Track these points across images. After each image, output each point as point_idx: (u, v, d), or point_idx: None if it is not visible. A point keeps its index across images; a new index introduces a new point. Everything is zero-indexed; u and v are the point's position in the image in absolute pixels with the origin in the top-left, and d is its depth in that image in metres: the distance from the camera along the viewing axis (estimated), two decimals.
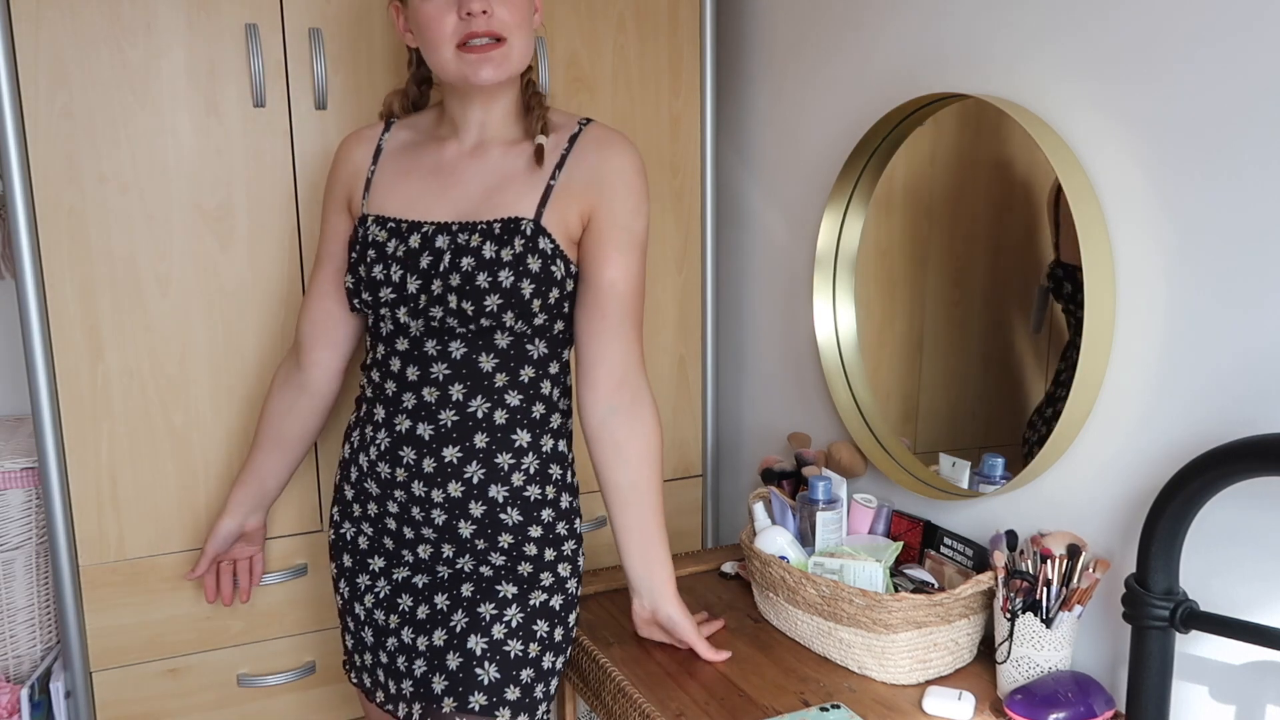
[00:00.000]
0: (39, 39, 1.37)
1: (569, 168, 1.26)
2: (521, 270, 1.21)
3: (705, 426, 1.90)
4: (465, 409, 1.25)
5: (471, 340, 1.24)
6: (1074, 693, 1.15)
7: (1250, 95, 1.03)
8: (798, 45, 1.71)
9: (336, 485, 1.39)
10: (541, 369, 1.28)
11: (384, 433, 1.28)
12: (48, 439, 1.43)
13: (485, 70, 1.20)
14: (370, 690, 1.37)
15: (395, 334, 1.28)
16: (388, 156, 1.33)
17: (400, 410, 1.27)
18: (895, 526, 1.46)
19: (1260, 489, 1.06)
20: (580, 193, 1.25)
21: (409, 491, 1.27)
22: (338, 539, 1.39)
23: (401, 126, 1.36)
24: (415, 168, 1.31)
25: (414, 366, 1.27)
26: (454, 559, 1.29)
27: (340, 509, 1.38)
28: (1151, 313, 1.16)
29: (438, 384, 1.25)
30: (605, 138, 1.28)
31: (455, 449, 1.25)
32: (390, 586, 1.33)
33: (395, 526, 1.31)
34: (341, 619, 1.40)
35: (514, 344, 1.25)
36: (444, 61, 1.21)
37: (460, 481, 1.25)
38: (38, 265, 1.41)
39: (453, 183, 1.28)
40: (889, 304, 1.56)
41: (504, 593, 1.27)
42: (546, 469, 1.29)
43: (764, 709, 1.22)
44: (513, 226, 1.22)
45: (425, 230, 1.25)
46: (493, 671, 1.24)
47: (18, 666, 1.60)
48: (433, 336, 1.25)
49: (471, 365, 1.25)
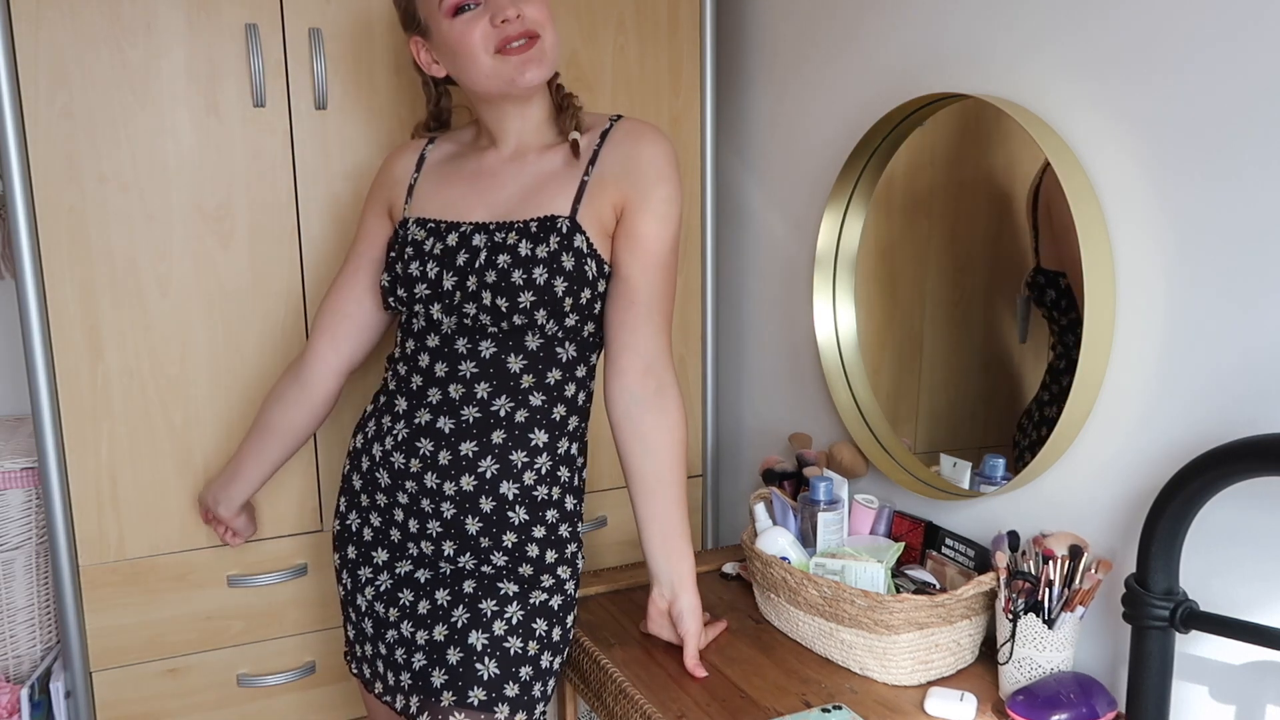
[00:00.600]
0: (39, 39, 1.37)
1: (602, 162, 1.27)
2: (555, 267, 1.22)
3: (705, 427, 1.90)
4: (489, 407, 1.26)
5: (502, 341, 1.26)
6: (1076, 694, 1.15)
7: (1250, 95, 1.03)
8: (798, 45, 1.71)
9: (345, 476, 1.40)
10: (568, 372, 1.29)
11: (403, 424, 1.29)
12: (48, 439, 1.43)
13: (529, 72, 1.21)
14: (369, 681, 1.38)
15: (427, 330, 1.30)
16: (431, 165, 1.37)
17: (423, 404, 1.28)
18: (896, 527, 1.46)
19: (1260, 489, 1.06)
20: (613, 184, 1.26)
21: (421, 483, 1.27)
22: (343, 529, 1.39)
23: (445, 140, 1.40)
24: (456, 174, 1.34)
25: (443, 363, 1.28)
26: (456, 556, 1.29)
27: (347, 499, 1.39)
28: (1151, 313, 1.16)
29: (464, 381, 1.27)
30: (637, 129, 1.29)
31: (472, 443, 1.25)
32: (392, 580, 1.34)
33: (403, 518, 1.31)
34: (344, 609, 1.41)
35: (544, 346, 1.27)
36: (483, 71, 1.22)
37: (473, 475, 1.25)
38: (38, 265, 1.41)
39: (492, 186, 1.31)
40: (889, 304, 1.56)
41: (505, 590, 1.27)
42: (556, 471, 1.29)
43: (765, 710, 1.22)
44: (549, 224, 1.24)
45: (464, 230, 1.28)
46: (492, 667, 1.24)
47: (18, 666, 1.60)
48: (464, 334, 1.27)
49: (500, 365, 1.26)
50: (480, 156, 1.34)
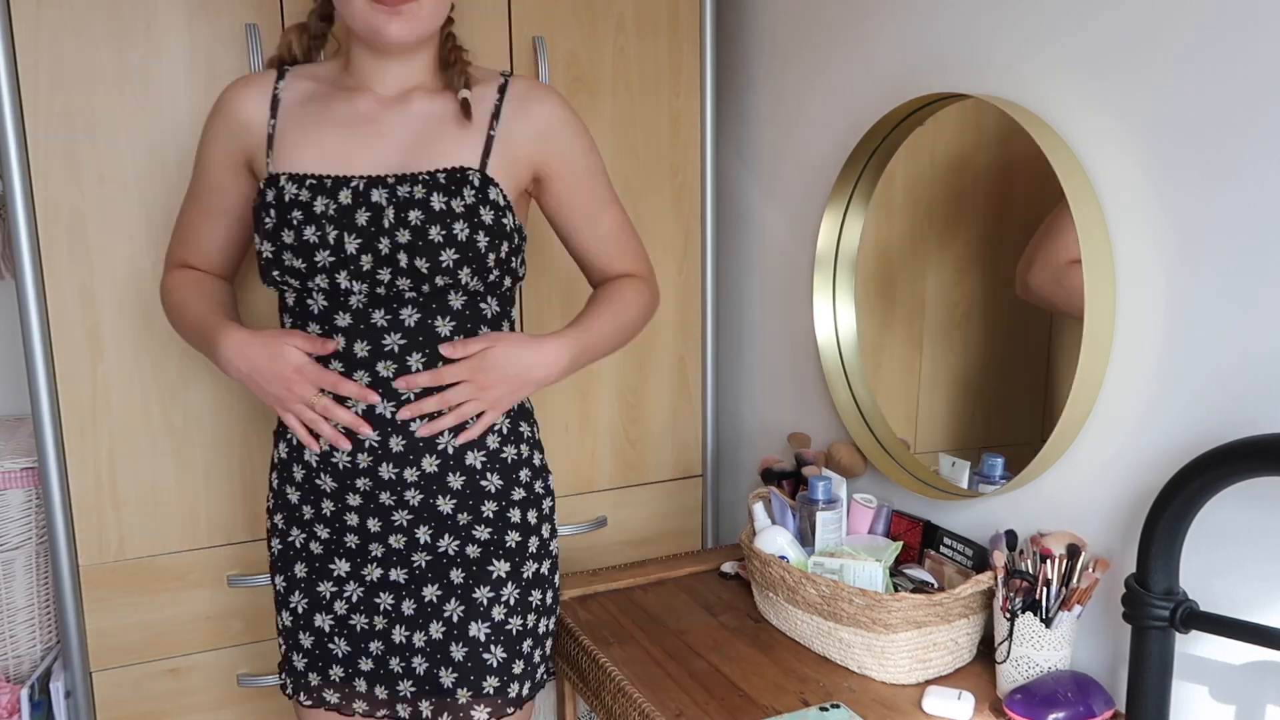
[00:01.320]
0: (39, 39, 1.37)
1: (506, 119, 1.22)
2: (476, 222, 1.15)
3: (705, 426, 1.90)
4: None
5: (424, 305, 1.17)
6: (1073, 692, 1.15)
7: (1250, 95, 1.03)
8: (798, 45, 1.71)
9: (275, 490, 1.27)
10: (495, 328, 1.24)
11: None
12: (48, 439, 1.43)
13: (395, 26, 1.13)
14: (343, 701, 1.27)
15: (332, 309, 1.16)
16: (289, 109, 1.21)
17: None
18: (895, 526, 1.46)
19: (1260, 489, 1.06)
20: (526, 146, 1.23)
21: (375, 477, 1.19)
22: (285, 548, 1.26)
23: (298, 76, 1.25)
24: (326, 119, 1.20)
25: (363, 341, 1.16)
26: (433, 542, 1.22)
27: (285, 515, 1.26)
28: (1151, 313, 1.16)
29: (393, 356, 1.16)
30: (536, 89, 1.26)
31: (422, 421, 1.18)
32: (363, 588, 1.24)
33: (358, 521, 1.22)
34: (288, 638, 1.27)
35: (468, 304, 1.19)
36: (353, 11, 1.14)
37: (435, 454, 1.19)
38: (38, 265, 1.41)
39: (375, 133, 1.19)
40: (889, 304, 1.56)
41: (496, 572, 1.23)
42: (517, 427, 1.26)
43: (764, 709, 1.22)
44: (459, 177, 1.16)
45: (355, 185, 1.15)
46: (499, 653, 1.23)
47: (18, 666, 1.60)
48: (379, 306, 1.16)
49: (428, 331, 1.17)
50: (351, 98, 1.21)
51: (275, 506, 1.28)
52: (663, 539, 1.90)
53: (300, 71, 1.26)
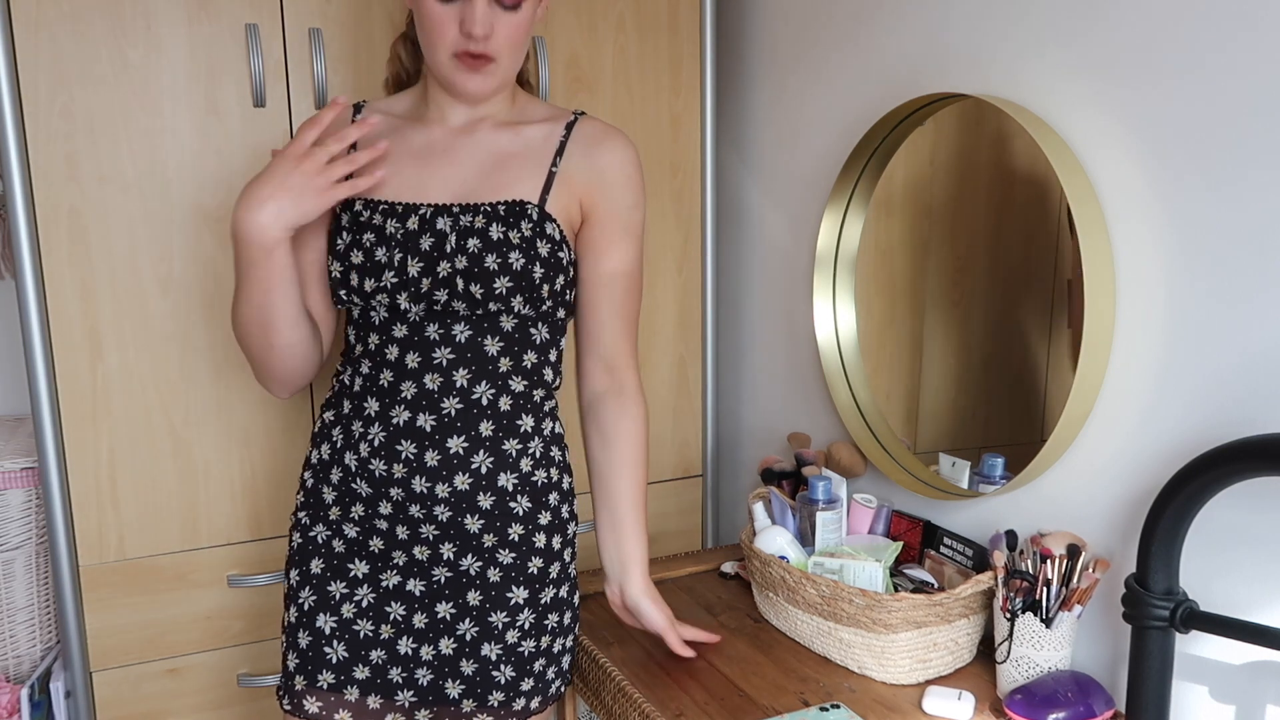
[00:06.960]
0: (39, 39, 1.37)
1: (569, 156, 1.26)
2: (532, 254, 1.20)
3: (705, 426, 1.90)
4: (469, 395, 1.22)
5: (476, 323, 1.22)
6: (1073, 692, 1.15)
7: (1251, 96, 1.03)
8: (798, 45, 1.71)
9: (309, 489, 1.29)
10: (543, 354, 1.27)
11: (378, 426, 1.22)
12: (48, 439, 1.43)
13: (473, 83, 1.21)
14: (327, 710, 1.25)
15: (390, 321, 1.23)
16: (366, 142, 1.28)
17: (398, 401, 1.21)
18: (895, 526, 1.46)
19: (1260, 489, 1.06)
20: (581, 185, 1.26)
21: (408, 489, 1.21)
22: (305, 542, 1.28)
23: (372, 111, 1.32)
24: (401, 149, 1.27)
25: (414, 353, 1.22)
26: (456, 560, 1.23)
27: (311, 512, 1.28)
28: (1151, 313, 1.16)
29: (441, 370, 1.21)
30: (604, 131, 1.29)
31: (460, 439, 1.21)
32: (376, 594, 1.25)
33: (387, 527, 1.24)
34: (289, 635, 1.27)
35: (518, 327, 1.24)
36: (438, 63, 1.21)
37: (468, 473, 1.21)
38: (38, 265, 1.41)
39: (445, 163, 1.26)
40: (889, 304, 1.56)
41: (515, 599, 1.24)
42: (549, 452, 1.28)
43: (764, 709, 1.22)
44: (518, 210, 1.22)
45: (423, 212, 1.22)
46: (508, 672, 1.24)
47: (18, 666, 1.60)
48: (434, 320, 1.22)
49: (477, 349, 1.22)
50: (425, 129, 1.28)
51: (304, 503, 1.30)
52: (663, 539, 1.90)
53: (373, 106, 1.33)
